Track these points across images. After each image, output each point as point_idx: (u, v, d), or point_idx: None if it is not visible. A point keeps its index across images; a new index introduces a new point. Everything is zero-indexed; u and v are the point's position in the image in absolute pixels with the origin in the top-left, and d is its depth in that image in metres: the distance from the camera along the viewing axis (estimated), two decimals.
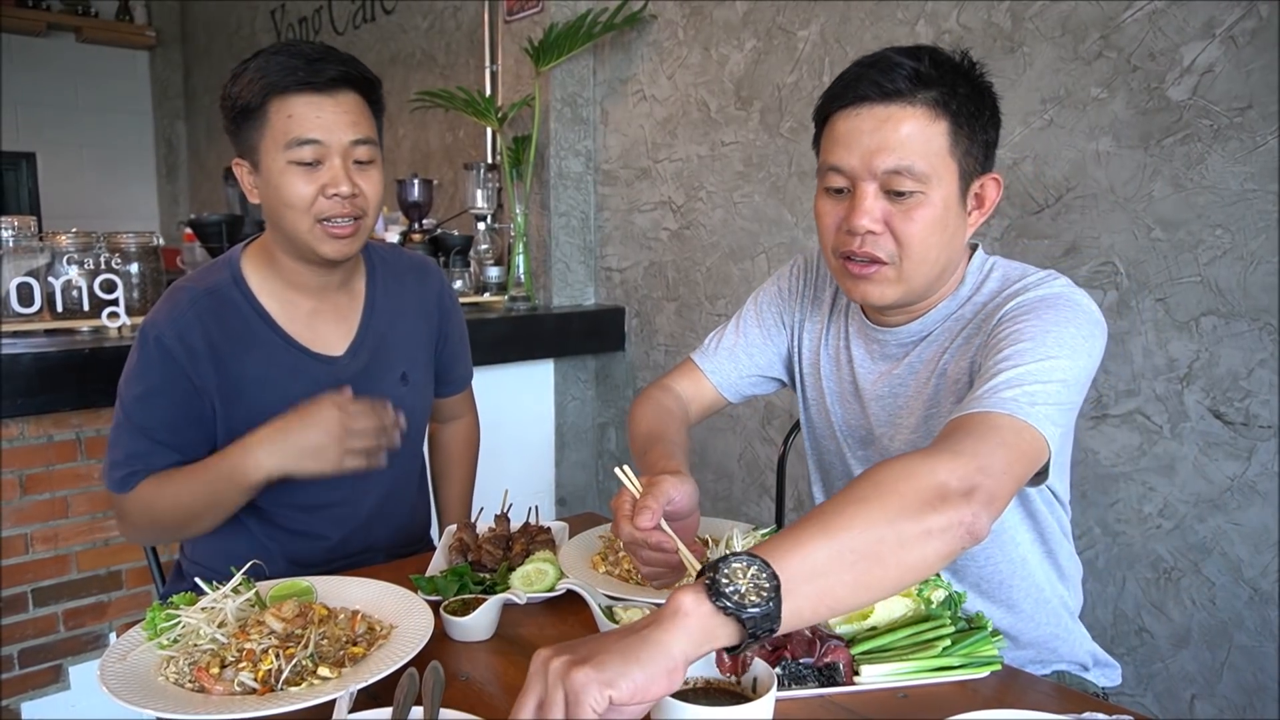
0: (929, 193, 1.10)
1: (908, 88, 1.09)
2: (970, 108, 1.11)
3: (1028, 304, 1.10)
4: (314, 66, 1.30)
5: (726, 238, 2.61)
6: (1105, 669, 1.36)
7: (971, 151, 1.12)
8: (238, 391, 1.38)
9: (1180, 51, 1.68)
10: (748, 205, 2.54)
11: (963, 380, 1.16)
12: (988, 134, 1.14)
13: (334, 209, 1.32)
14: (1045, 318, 1.06)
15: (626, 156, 2.91)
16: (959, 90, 1.10)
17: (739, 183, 2.56)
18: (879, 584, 0.82)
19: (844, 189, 1.14)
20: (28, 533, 2.05)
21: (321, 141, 1.31)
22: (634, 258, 2.92)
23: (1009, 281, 1.19)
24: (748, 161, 2.53)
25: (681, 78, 2.69)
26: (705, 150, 2.65)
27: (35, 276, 2.04)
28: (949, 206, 1.12)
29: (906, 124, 1.09)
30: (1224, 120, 1.64)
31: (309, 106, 1.30)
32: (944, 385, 1.19)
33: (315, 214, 1.32)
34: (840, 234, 1.15)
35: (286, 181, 1.31)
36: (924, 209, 1.10)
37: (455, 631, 1.11)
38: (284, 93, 1.30)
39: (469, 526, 1.40)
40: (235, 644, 0.99)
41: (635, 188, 2.89)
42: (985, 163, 1.16)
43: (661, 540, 1.02)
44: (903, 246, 1.12)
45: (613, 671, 0.70)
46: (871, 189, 1.11)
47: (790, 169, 2.42)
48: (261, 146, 1.33)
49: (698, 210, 2.69)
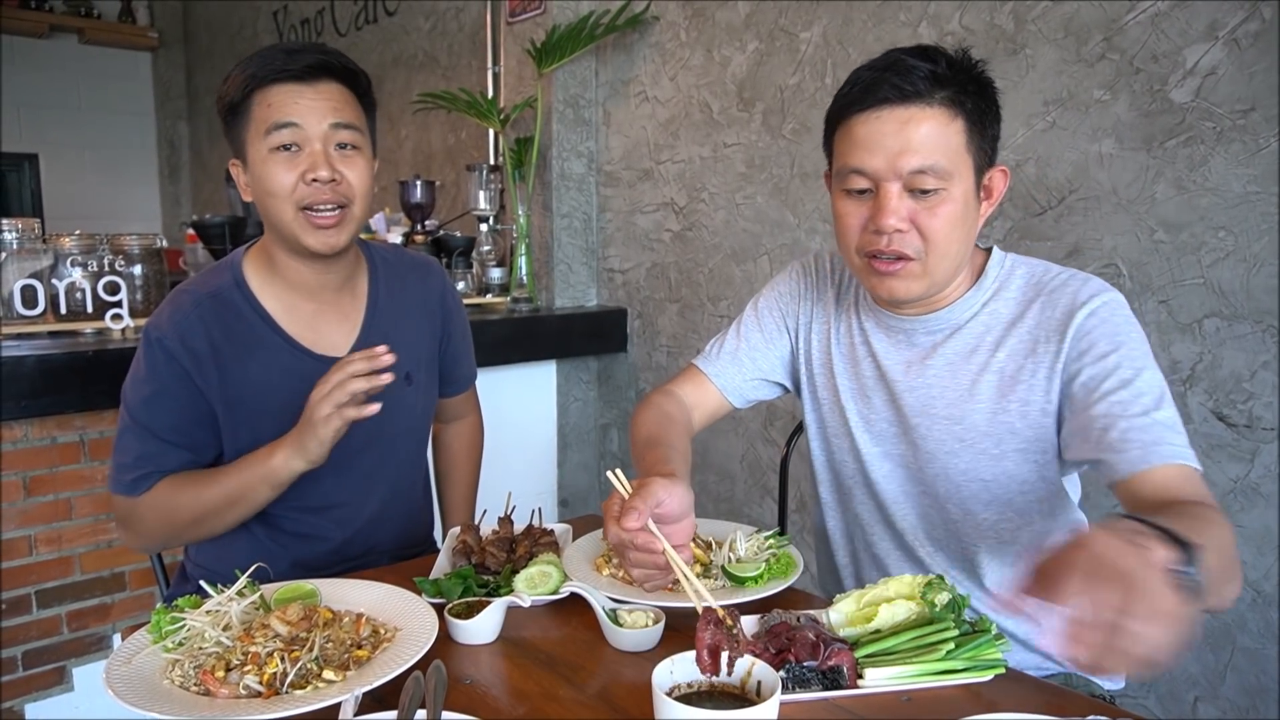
0: (950, 189, 1.14)
1: (925, 89, 1.12)
2: (980, 104, 1.15)
3: (1107, 322, 1.15)
4: (292, 57, 1.32)
5: (729, 239, 2.62)
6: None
7: (983, 146, 1.16)
8: (241, 394, 1.38)
9: (1183, 54, 1.68)
10: (750, 206, 2.55)
11: (1033, 384, 1.19)
12: (994, 128, 1.19)
13: (315, 195, 1.32)
14: (1132, 336, 1.15)
15: (629, 158, 2.91)
16: (969, 88, 1.14)
17: (741, 184, 2.56)
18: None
19: (866, 190, 1.17)
20: (31, 534, 2.05)
21: (298, 124, 1.31)
22: (636, 259, 2.93)
23: (1045, 280, 1.23)
24: (750, 163, 2.53)
25: (684, 79, 2.69)
26: (707, 151, 2.65)
27: (39, 278, 2.04)
28: (967, 200, 1.16)
29: (926, 124, 1.12)
30: (1227, 123, 1.64)
31: (286, 94, 1.31)
32: (997, 381, 1.21)
33: (297, 201, 1.32)
34: (865, 234, 1.18)
35: (268, 170, 1.32)
36: (947, 205, 1.14)
37: (459, 634, 1.11)
38: (263, 84, 1.31)
39: (473, 528, 1.40)
40: (240, 647, 0.99)
41: (637, 189, 2.89)
42: (993, 155, 1.20)
43: (649, 541, 1.02)
44: (929, 242, 1.15)
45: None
46: (896, 189, 1.14)
47: (792, 170, 2.43)
48: (246, 139, 1.34)
49: (700, 211, 2.69)
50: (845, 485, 1.39)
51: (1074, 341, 1.16)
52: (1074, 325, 1.16)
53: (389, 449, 1.52)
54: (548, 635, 1.14)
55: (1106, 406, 1.11)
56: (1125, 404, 1.09)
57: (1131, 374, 1.12)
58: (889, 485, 1.32)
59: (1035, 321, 1.21)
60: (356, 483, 1.49)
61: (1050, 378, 1.18)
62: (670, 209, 2.78)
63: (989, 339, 1.23)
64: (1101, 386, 1.12)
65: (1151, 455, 1.05)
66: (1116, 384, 1.11)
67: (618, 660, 1.08)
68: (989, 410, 1.22)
